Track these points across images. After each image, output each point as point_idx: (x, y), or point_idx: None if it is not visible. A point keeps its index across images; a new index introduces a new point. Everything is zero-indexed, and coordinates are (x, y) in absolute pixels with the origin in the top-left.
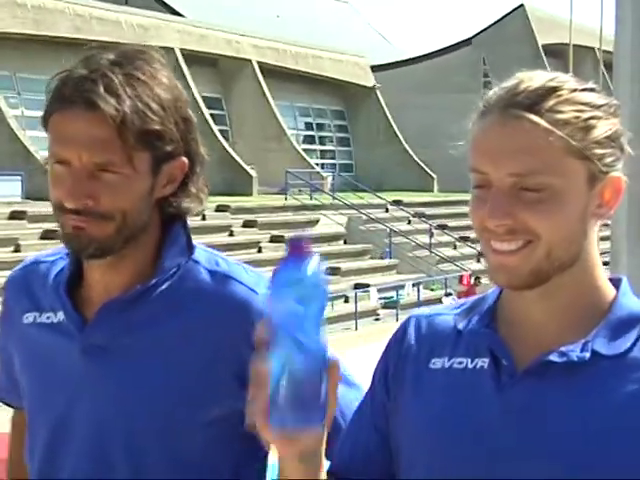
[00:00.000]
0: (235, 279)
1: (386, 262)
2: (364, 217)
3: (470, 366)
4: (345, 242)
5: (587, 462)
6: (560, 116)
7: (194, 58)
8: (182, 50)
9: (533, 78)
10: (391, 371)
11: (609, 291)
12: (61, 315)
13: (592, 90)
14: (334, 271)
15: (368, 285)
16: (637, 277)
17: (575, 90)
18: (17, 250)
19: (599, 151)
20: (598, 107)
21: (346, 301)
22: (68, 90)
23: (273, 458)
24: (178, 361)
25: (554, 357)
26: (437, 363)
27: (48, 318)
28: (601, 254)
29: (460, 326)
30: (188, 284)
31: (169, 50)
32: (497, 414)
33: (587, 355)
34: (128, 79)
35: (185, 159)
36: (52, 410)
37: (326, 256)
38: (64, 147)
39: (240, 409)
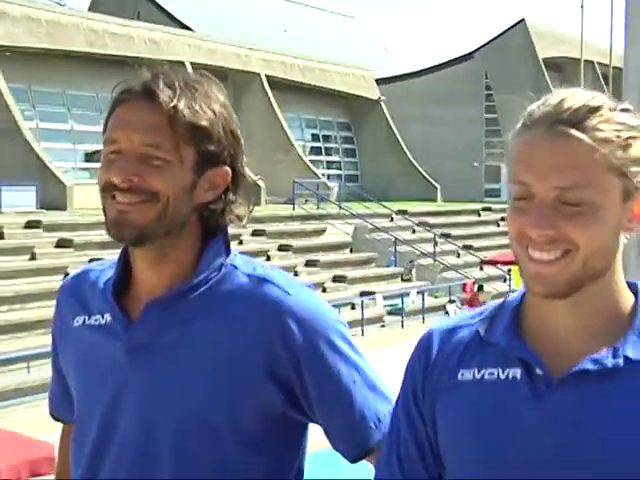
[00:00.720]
0: (270, 281)
1: (391, 270)
2: (370, 226)
3: (502, 376)
4: (351, 251)
5: (627, 467)
6: (602, 134)
7: (204, 71)
8: (192, 64)
9: (575, 96)
10: (420, 385)
11: (629, 297)
12: (108, 317)
13: (627, 110)
14: (341, 279)
15: (374, 292)
16: None
17: (614, 110)
18: (33, 258)
19: (635, 169)
20: (634, 127)
21: (352, 308)
22: (132, 86)
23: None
24: (215, 357)
25: (589, 365)
26: (466, 374)
27: (96, 320)
28: None
29: (484, 336)
30: (226, 286)
31: (179, 64)
32: (535, 422)
33: (620, 362)
34: (187, 86)
35: (229, 169)
36: (99, 408)
37: (333, 264)
38: (118, 130)
39: (273, 410)
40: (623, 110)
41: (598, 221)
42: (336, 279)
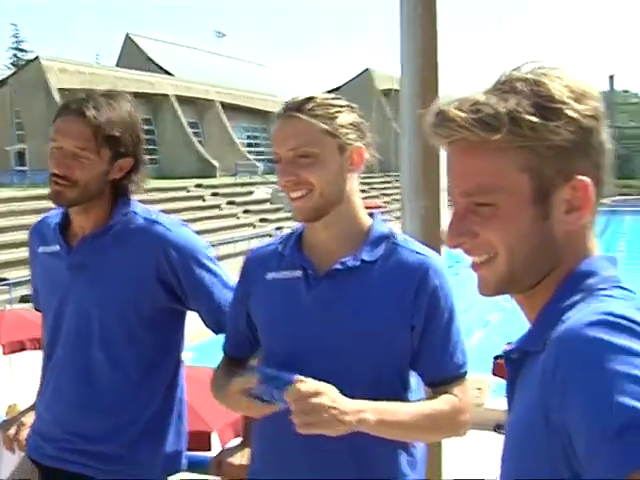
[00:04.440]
0: (158, 222)
1: (292, 214)
2: (280, 189)
3: (291, 276)
4: (270, 203)
5: (357, 325)
6: (315, 112)
7: (182, 100)
8: (175, 95)
9: (302, 95)
10: (243, 284)
11: (368, 220)
12: (57, 247)
13: (339, 99)
14: (264, 220)
15: (283, 227)
16: (415, 219)
17: (326, 99)
18: None
19: (342, 131)
20: (341, 106)
21: (269, 236)
22: (71, 104)
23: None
24: (125, 272)
25: (338, 266)
26: (270, 275)
27: (50, 249)
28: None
29: (281, 251)
30: (130, 225)
31: (168, 96)
32: (308, 304)
33: (358, 263)
34: (109, 105)
35: (132, 159)
36: (53, 306)
37: (259, 211)
38: (59, 134)
39: (162, 302)
40: (334, 98)
41: (322, 166)
42: (261, 220)
